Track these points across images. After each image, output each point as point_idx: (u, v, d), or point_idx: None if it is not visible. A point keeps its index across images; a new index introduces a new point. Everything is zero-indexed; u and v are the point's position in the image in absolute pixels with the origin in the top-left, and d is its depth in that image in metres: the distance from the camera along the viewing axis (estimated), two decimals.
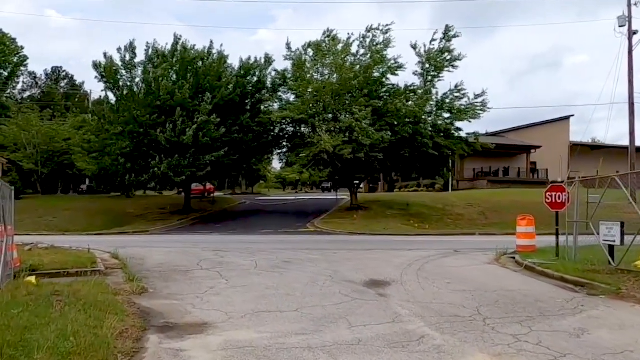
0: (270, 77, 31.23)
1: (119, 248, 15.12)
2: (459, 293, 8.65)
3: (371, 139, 26.20)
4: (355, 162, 27.79)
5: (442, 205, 32.24)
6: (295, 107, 27.67)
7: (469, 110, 29.05)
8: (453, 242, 19.37)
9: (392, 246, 16.93)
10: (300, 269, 11.44)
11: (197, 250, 14.67)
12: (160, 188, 31.64)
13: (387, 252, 14.84)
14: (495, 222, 29.45)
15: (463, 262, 12.79)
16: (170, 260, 12.70)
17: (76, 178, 48.59)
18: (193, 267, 11.63)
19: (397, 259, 13.05)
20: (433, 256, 13.70)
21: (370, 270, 11.18)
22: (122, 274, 10.86)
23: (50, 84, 77.51)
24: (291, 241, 18.95)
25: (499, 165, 49.69)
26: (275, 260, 12.83)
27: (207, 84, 27.76)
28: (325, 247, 16.56)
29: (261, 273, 10.85)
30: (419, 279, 10.15)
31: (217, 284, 9.58)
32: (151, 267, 11.75)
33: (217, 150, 26.93)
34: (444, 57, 29.73)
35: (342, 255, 13.82)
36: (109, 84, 28.24)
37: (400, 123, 28.24)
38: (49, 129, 39.19)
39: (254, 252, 14.37)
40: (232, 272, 11.02)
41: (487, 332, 6.18)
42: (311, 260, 12.86)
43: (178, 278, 10.37)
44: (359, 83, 27.49)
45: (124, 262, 12.11)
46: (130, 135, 27.20)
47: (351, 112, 27.36)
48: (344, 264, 12.16)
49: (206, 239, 20.41)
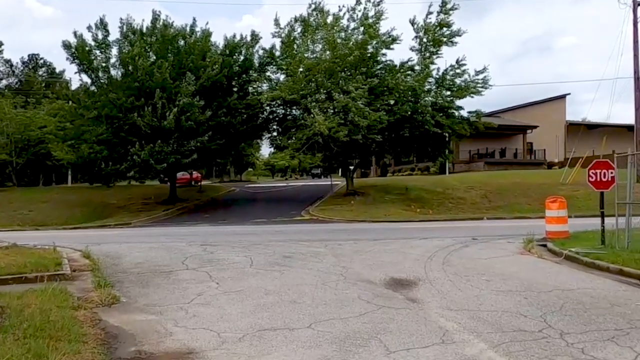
0: (258, 55, 29.19)
1: (93, 244, 13.33)
2: (507, 295, 6.99)
3: (368, 120, 24.41)
4: (351, 145, 26.03)
5: (441, 189, 30.68)
6: (286, 87, 25.72)
7: (470, 87, 27.33)
8: (464, 228, 17.78)
9: (401, 234, 15.27)
10: (304, 265, 9.72)
11: (182, 245, 12.87)
12: (141, 177, 29.50)
13: (397, 241, 13.17)
14: (500, 205, 28.04)
15: (489, 252, 11.15)
16: (151, 259, 10.90)
17: (56, 169, 46.26)
18: (178, 267, 9.85)
19: (413, 250, 11.39)
20: (452, 245, 12.05)
21: (387, 266, 9.49)
22: (92, 277, 9.06)
23: (27, 72, 74.46)
24: (287, 231, 17.20)
25: (495, 147, 48.30)
26: (273, 255, 11.09)
27: (191, 63, 25.65)
28: (326, 237, 14.85)
29: (258, 272, 9.11)
30: (448, 275, 8.48)
31: (206, 289, 7.83)
32: (128, 268, 9.96)
33: (202, 134, 24.91)
34: (442, 32, 27.91)
35: (349, 248, 12.10)
36: (82, 65, 25.91)
37: (398, 102, 26.47)
38: (23, 116, 36.70)
39: (248, 246, 12.61)
40: (223, 271, 9.27)
41: (579, 358, 4.52)
42: (315, 254, 11.13)
43: (159, 282, 8.60)
44: (355, 59, 25.59)
45: (95, 262, 10.30)
46: (107, 120, 25.08)
47: (346, 91, 25.50)
48: (353, 258, 10.46)
49: (193, 230, 18.60)
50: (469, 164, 46.43)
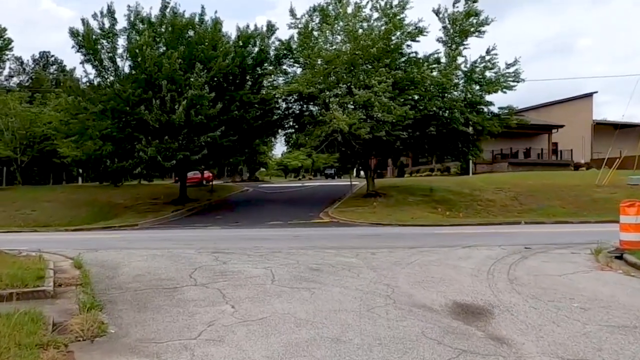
0: (274, 47, 27.43)
1: (90, 251, 11.69)
2: (626, 333, 5.16)
3: (393, 115, 22.58)
4: (373, 142, 24.20)
5: (468, 190, 28.76)
6: (304, 80, 23.96)
7: (501, 81, 25.38)
8: (506, 234, 15.89)
9: (438, 241, 13.42)
10: (337, 282, 7.94)
11: (191, 253, 11.14)
12: (148, 175, 27.87)
13: (438, 250, 11.33)
14: (532, 208, 26.14)
15: (557, 265, 9.28)
16: (153, 270, 9.19)
17: (66, 168, 44.88)
18: (184, 281, 8.13)
19: (463, 263, 9.57)
20: (507, 257, 10.20)
21: (440, 284, 7.69)
22: (79, 295, 7.38)
23: (38, 70, 73.51)
24: (308, 236, 15.42)
25: (519, 147, 46.15)
26: (297, 266, 9.33)
27: (201, 54, 23.94)
28: (354, 244, 13.07)
29: (283, 291, 7.35)
30: (526, 299, 6.65)
31: (218, 315, 6.09)
32: (125, 282, 8.25)
33: (213, 130, 23.19)
34: (469, 21, 26.01)
35: (384, 258, 10.30)
36: (88, 55, 24.37)
37: (424, 97, 24.62)
38: (29, 112, 35.25)
39: (266, 254, 10.86)
40: (240, 289, 7.52)
41: None
42: (347, 266, 9.35)
43: (160, 302, 6.87)
44: (378, 51, 23.77)
45: (87, 274, 8.62)
46: (113, 115, 23.47)
47: (368, 85, 23.69)
48: (396, 273, 8.65)
49: (204, 234, 16.87)
50: (491, 165, 44.32)
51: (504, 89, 24.97)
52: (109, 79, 24.78)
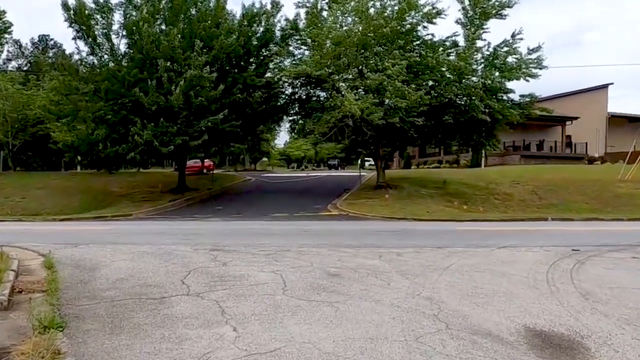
0: (280, 26, 25.67)
1: (69, 246, 10.16)
2: None
3: (407, 100, 20.91)
4: (386, 129, 22.51)
5: (484, 183, 27.15)
6: (312, 62, 22.25)
7: (522, 67, 23.62)
8: (538, 232, 14.33)
9: (466, 240, 11.81)
10: (365, 293, 6.36)
11: (186, 251, 9.57)
12: (144, 161, 26.24)
13: (472, 252, 9.74)
14: (553, 202, 24.52)
15: (628, 275, 7.71)
16: (138, 272, 7.62)
17: (62, 153, 43.24)
18: (174, 289, 6.56)
19: (510, 269, 7.99)
20: (559, 261, 8.62)
21: (496, 299, 6.11)
22: (40, 306, 5.82)
23: (37, 54, 71.69)
24: (318, 231, 13.83)
25: (532, 139, 44.34)
26: (312, 270, 7.75)
27: (203, 31, 22.19)
28: (372, 241, 11.49)
29: (299, 306, 5.77)
30: (620, 325, 5.09)
31: (215, 344, 4.53)
32: (101, 289, 6.68)
33: (214, 113, 21.51)
34: (491, 2, 24.22)
35: (413, 260, 8.71)
36: (80, 31, 22.61)
37: (440, 82, 22.94)
38: (22, 93, 33.49)
39: (273, 254, 9.28)
40: (242, 301, 5.96)
41: None
42: (371, 270, 7.77)
43: (140, 320, 5.29)
44: (391, 31, 22.05)
45: (55, 278, 7.05)
46: (107, 96, 21.76)
47: (381, 68, 22.00)
48: (433, 281, 7.07)
49: (202, 227, 15.29)
50: (502, 157, 42.59)
51: (526, 77, 23.22)
52: (104, 57, 23.06)
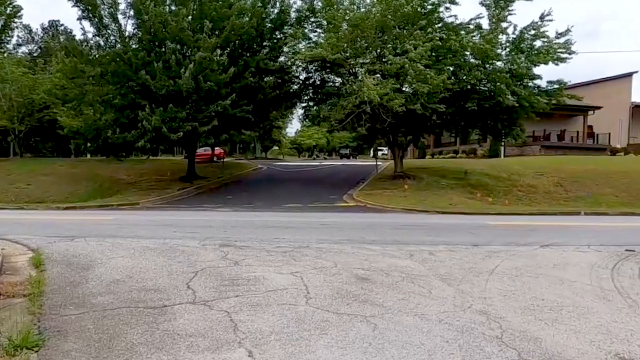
0: (295, 7, 24.51)
1: (65, 239, 9.24)
2: None
3: (430, 85, 19.73)
4: (406, 116, 21.35)
5: (506, 174, 26.00)
6: (328, 45, 21.08)
7: (550, 52, 22.30)
8: (575, 228, 13.18)
9: (501, 237, 10.71)
10: (404, 304, 5.31)
11: (193, 246, 8.59)
12: (153, 149, 25.30)
13: (514, 251, 8.64)
14: (580, 195, 23.39)
15: None
16: (138, 272, 6.64)
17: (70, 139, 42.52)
18: (177, 295, 5.57)
19: (566, 273, 6.91)
20: (619, 265, 7.52)
21: (565, 314, 5.04)
22: (18, 315, 4.86)
23: (47, 39, 71.01)
24: (337, 225, 12.78)
25: (552, 129, 42.81)
26: (337, 272, 6.72)
27: (214, 12, 21.07)
28: (398, 236, 10.42)
29: (327, 321, 4.74)
30: None
31: None
32: (92, 293, 5.69)
33: (224, 98, 20.45)
34: None
35: (449, 261, 7.65)
36: (86, 10, 21.56)
37: (463, 67, 21.72)
38: (28, 77, 32.61)
39: (291, 251, 8.25)
40: (258, 313, 4.94)
41: None
42: (405, 273, 6.72)
43: (134, 338, 4.29)
44: (412, 11, 20.81)
45: (41, 279, 6.09)
46: (114, 79, 20.79)
47: (400, 52, 20.80)
48: (482, 288, 6.01)
49: (212, 219, 14.29)
50: (521, 147, 41.15)
51: (555, 61, 21.90)
52: (110, 39, 22.05)
